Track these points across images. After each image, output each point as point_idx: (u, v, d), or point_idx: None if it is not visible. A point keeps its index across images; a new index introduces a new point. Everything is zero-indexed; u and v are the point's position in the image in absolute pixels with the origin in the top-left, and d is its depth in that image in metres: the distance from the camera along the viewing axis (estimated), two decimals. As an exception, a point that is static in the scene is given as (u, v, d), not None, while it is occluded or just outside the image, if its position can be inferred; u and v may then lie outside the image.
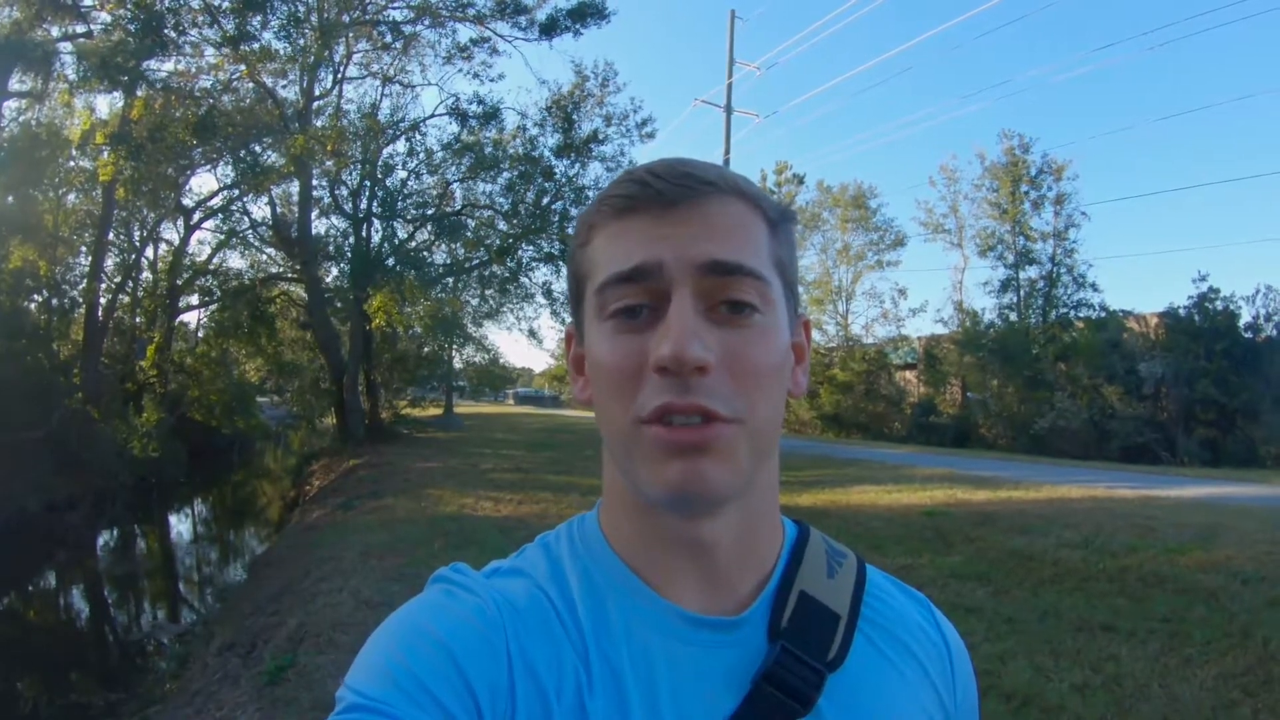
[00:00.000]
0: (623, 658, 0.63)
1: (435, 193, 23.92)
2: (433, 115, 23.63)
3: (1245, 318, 21.31)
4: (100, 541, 15.71)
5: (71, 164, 21.20)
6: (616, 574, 0.67)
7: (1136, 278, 61.07)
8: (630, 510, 0.67)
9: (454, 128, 23.41)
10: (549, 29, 21.45)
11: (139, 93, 18.36)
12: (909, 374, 32.44)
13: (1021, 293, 28.41)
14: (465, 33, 22.05)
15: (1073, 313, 26.98)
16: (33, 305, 22.06)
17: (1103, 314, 25.69)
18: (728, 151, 25.59)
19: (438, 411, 34.70)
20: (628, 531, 0.68)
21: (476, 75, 22.48)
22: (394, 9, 21.16)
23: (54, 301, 22.64)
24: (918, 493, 10.56)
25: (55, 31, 18.68)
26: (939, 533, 8.10)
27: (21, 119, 20.42)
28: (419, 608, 0.65)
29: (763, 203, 0.66)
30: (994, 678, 4.35)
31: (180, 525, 18.75)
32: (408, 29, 21.44)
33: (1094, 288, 26.99)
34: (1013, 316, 28.34)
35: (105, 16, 18.00)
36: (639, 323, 0.62)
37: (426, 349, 28.65)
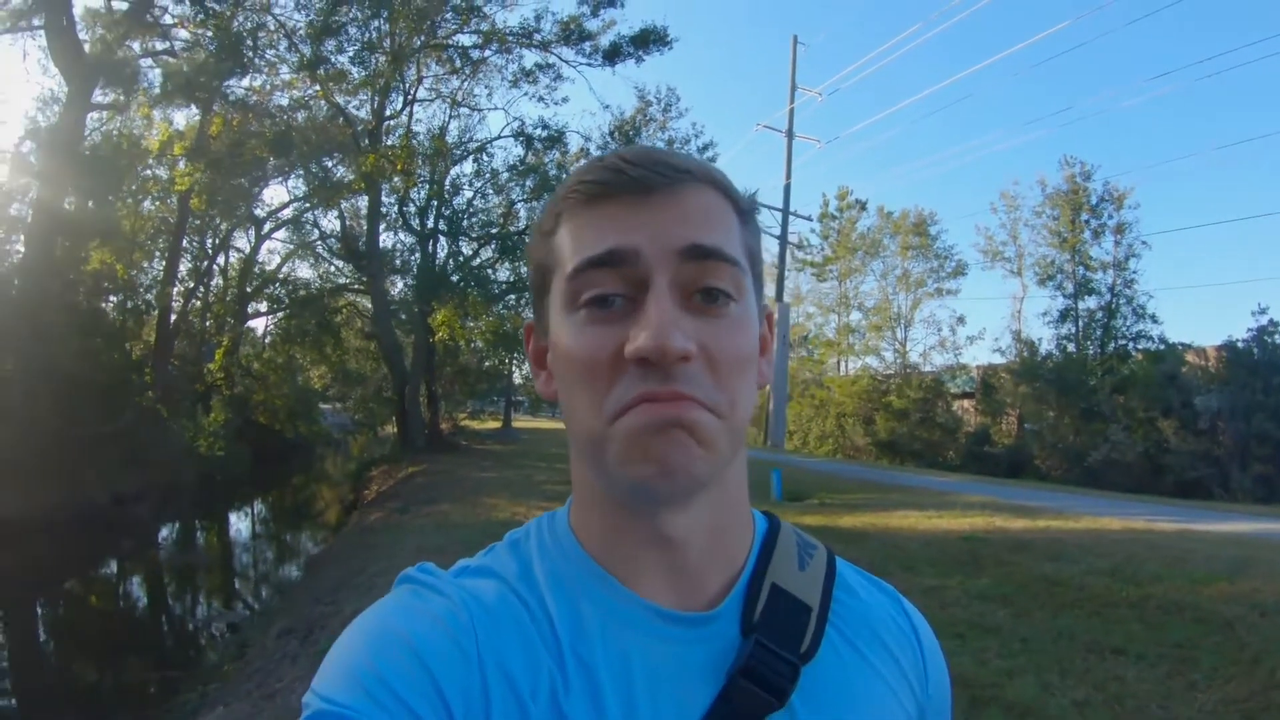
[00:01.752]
0: (597, 657, 0.62)
1: (500, 212, 24.63)
2: (499, 137, 24.43)
3: (1307, 351, 20.68)
4: (163, 534, 16.44)
5: (149, 173, 22.16)
6: (588, 572, 0.66)
7: (1198, 309, 59.43)
8: (600, 507, 0.66)
9: (519, 150, 24.14)
10: (612, 55, 21.94)
11: (216, 108, 19.18)
12: (966, 403, 32.11)
13: (1080, 323, 27.94)
14: (531, 58, 22.72)
15: (1131, 345, 26.50)
16: (109, 306, 23.16)
17: (1162, 346, 25.15)
18: (789, 176, 25.84)
19: (496, 425, 35.36)
20: (598, 529, 0.67)
21: (541, 99, 23.17)
22: (463, 35, 21.87)
23: (129, 303, 23.77)
24: (958, 519, 10.60)
25: (137, 47, 19.57)
26: (973, 557, 8.17)
27: (103, 129, 21.52)
28: (386, 610, 0.63)
29: (733, 193, 0.66)
30: (998, 690, 4.55)
31: (240, 523, 19.48)
32: (476, 54, 22.17)
33: (1153, 319, 26.44)
34: (1070, 347, 27.88)
35: (185, 34, 18.95)
36: (612, 313, 0.60)
37: (487, 363, 29.14)
